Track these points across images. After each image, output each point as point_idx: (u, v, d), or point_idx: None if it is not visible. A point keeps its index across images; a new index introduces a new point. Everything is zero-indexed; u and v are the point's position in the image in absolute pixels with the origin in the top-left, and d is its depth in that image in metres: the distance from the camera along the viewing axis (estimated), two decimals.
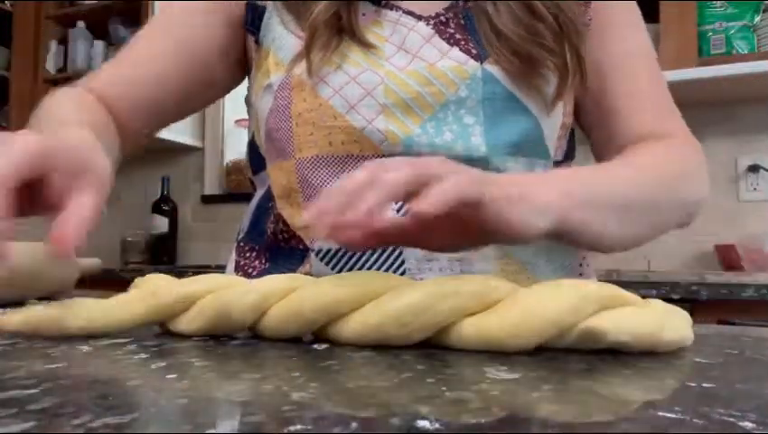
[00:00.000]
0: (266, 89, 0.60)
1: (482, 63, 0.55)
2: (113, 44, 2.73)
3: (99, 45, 2.74)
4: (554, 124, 0.58)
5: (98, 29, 2.74)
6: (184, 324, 0.37)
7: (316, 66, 0.56)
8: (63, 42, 2.80)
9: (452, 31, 0.58)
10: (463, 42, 0.57)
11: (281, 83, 0.59)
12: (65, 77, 2.77)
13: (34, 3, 2.76)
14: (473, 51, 0.56)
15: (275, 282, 0.37)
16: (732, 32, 1.72)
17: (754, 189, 1.88)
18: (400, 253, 0.54)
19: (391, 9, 0.59)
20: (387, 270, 0.55)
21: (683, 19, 1.71)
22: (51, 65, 2.79)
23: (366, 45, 0.57)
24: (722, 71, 1.66)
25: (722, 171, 1.91)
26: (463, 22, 0.58)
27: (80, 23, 2.76)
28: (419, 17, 0.59)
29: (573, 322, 0.32)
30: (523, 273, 0.56)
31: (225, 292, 0.37)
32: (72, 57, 2.75)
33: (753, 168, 1.88)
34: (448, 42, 0.57)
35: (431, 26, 0.58)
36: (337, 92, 0.56)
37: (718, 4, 1.75)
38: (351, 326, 0.34)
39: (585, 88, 0.60)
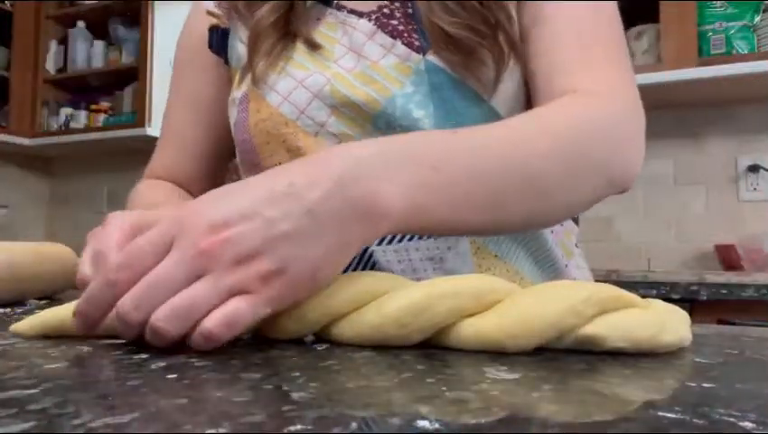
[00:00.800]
0: (231, 105, 0.62)
1: (424, 55, 0.55)
2: (113, 44, 2.73)
3: (99, 45, 2.74)
4: (511, 103, 0.56)
5: (98, 29, 2.74)
6: None
7: (260, 73, 0.57)
8: (63, 42, 2.80)
9: (395, 23, 0.57)
10: (405, 35, 0.56)
11: (240, 97, 0.60)
12: (65, 77, 2.78)
13: (34, 3, 2.76)
14: (416, 43, 0.55)
15: None
16: (732, 32, 1.72)
17: (754, 189, 1.88)
18: (371, 256, 0.55)
19: (339, 9, 0.59)
20: (362, 269, 0.55)
21: (683, 19, 1.71)
22: (51, 65, 2.79)
23: (313, 46, 0.58)
24: (722, 71, 1.66)
25: (722, 171, 1.91)
26: (410, 10, 0.57)
27: (80, 23, 2.76)
28: (361, 14, 0.58)
29: (573, 325, 0.32)
30: (501, 266, 0.56)
31: None
32: (72, 57, 2.75)
33: (753, 168, 1.88)
34: (391, 36, 0.56)
35: (372, 22, 0.57)
36: (285, 99, 0.56)
37: (718, 4, 1.75)
38: (351, 327, 0.34)
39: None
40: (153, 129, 2.47)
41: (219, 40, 0.66)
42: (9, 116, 2.69)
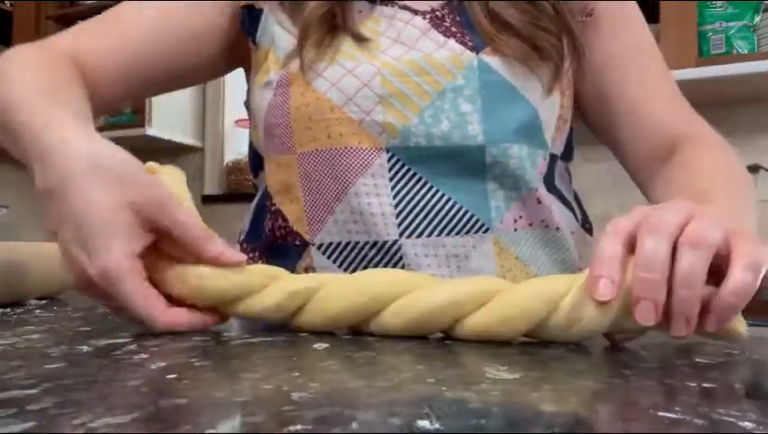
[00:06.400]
0: (266, 86, 0.61)
1: (477, 54, 0.56)
2: None
3: None
4: (551, 114, 0.59)
5: None
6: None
7: (309, 62, 0.57)
8: None
9: (447, 24, 0.59)
10: (459, 35, 0.58)
11: (279, 80, 0.59)
12: None
13: (34, 3, 2.76)
14: (470, 43, 0.57)
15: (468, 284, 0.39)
16: (732, 32, 1.72)
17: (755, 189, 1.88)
18: (399, 248, 0.55)
19: (387, 5, 0.60)
20: (386, 265, 0.55)
21: (683, 19, 1.71)
22: None
23: (360, 39, 0.58)
24: (722, 71, 1.65)
25: None
26: (458, 18, 0.60)
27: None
28: (415, 12, 0.60)
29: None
30: (521, 268, 0.57)
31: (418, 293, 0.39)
32: None
33: (753, 168, 1.87)
34: (444, 35, 0.58)
35: (427, 20, 0.59)
36: (334, 85, 0.57)
37: (718, 4, 1.75)
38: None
39: (583, 77, 0.62)
40: (153, 129, 2.47)
41: (251, 19, 0.63)
42: None
